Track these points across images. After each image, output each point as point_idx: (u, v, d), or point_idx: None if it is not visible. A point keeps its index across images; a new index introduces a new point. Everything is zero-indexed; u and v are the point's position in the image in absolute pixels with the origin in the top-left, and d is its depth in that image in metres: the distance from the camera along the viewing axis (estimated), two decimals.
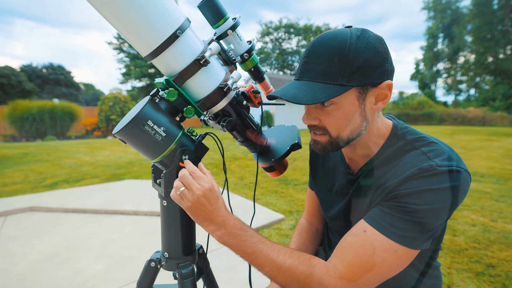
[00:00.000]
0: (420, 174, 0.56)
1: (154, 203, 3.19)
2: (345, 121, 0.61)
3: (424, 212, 0.55)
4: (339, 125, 0.62)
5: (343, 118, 0.61)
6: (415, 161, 0.59)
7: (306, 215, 1.05)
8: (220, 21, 0.63)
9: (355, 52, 0.56)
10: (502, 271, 1.91)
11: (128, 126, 0.55)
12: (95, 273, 1.91)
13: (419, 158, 0.59)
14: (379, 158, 0.68)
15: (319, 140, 0.66)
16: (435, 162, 0.56)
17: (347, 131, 0.62)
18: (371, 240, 0.58)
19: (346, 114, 0.60)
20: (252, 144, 0.76)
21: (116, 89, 29.57)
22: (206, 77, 0.61)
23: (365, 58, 0.56)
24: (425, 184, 0.55)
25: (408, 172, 0.58)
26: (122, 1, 0.49)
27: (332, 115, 0.61)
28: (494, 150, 7.62)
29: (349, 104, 0.59)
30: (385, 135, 0.68)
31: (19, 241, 2.39)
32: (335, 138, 0.64)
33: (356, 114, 0.61)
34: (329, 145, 0.65)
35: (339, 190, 0.81)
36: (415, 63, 43.69)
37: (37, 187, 4.16)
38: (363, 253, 0.57)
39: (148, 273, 0.71)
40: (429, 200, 0.55)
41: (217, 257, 2.08)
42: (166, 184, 0.62)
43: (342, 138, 0.63)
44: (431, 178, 0.55)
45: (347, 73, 0.56)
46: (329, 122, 0.62)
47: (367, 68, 0.56)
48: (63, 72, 37.23)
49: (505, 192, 3.73)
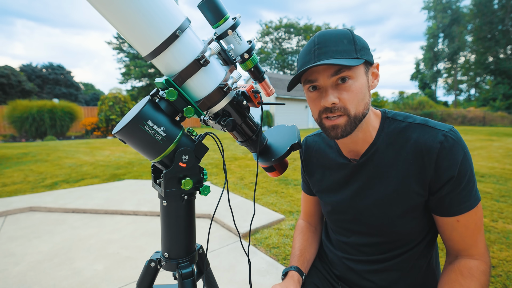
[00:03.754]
0: (449, 145, 0.67)
1: (154, 203, 3.19)
2: (360, 94, 0.67)
3: (471, 168, 0.68)
4: (357, 100, 0.67)
5: (359, 91, 0.67)
6: (428, 136, 0.69)
7: (304, 216, 1.07)
8: (220, 21, 0.62)
9: (357, 36, 0.68)
10: (502, 271, 1.91)
11: (128, 126, 0.55)
12: (95, 273, 1.90)
13: (429, 133, 0.70)
14: (380, 139, 0.75)
15: (338, 122, 0.68)
16: (444, 131, 0.68)
17: (361, 106, 0.68)
18: (473, 220, 0.69)
19: (361, 87, 0.67)
20: (252, 144, 0.76)
21: (116, 89, 29.60)
22: (206, 77, 0.61)
23: (362, 41, 0.69)
24: (460, 151, 0.67)
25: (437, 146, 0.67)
26: (122, 0, 0.49)
27: (350, 90, 0.66)
28: (494, 150, 7.62)
29: (362, 77, 0.67)
30: (378, 119, 0.77)
31: (19, 241, 2.38)
32: (353, 116, 0.68)
33: (366, 89, 0.69)
34: (348, 125, 0.68)
35: (342, 183, 0.83)
36: (415, 63, 43.75)
37: (36, 187, 4.16)
38: (479, 227, 0.70)
39: (148, 273, 0.71)
40: (468, 160, 0.68)
41: (217, 257, 2.08)
42: (166, 184, 0.61)
43: (358, 115, 0.68)
44: (457, 145, 0.67)
45: (357, 50, 0.66)
46: (348, 98, 0.67)
47: (366, 49, 0.68)
48: (63, 72, 37.25)
49: (506, 192, 3.73)
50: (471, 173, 0.68)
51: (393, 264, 0.79)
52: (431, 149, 0.68)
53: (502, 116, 22.51)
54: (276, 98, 18.38)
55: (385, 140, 0.75)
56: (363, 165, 0.77)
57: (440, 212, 0.71)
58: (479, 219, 0.69)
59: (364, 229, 0.81)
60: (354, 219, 0.82)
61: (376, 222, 0.78)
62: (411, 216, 0.74)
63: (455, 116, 24.48)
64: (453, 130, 0.69)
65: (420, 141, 0.70)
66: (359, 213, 0.80)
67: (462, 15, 34.94)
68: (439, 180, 0.68)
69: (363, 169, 0.78)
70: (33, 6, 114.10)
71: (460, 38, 35.32)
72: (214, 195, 3.28)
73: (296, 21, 39.92)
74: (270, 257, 2.10)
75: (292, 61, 41.98)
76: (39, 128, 13.24)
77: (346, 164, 0.81)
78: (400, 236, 0.77)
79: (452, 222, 0.70)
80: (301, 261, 0.92)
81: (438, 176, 0.68)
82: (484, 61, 33.09)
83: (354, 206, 0.81)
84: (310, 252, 0.97)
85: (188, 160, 0.62)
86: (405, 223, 0.75)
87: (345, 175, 0.82)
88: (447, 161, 0.67)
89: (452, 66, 39.08)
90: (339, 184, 0.84)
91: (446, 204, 0.70)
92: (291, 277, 0.85)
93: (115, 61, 55.64)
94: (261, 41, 40.47)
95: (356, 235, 0.84)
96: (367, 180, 0.77)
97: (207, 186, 0.66)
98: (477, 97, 36.06)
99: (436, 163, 0.67)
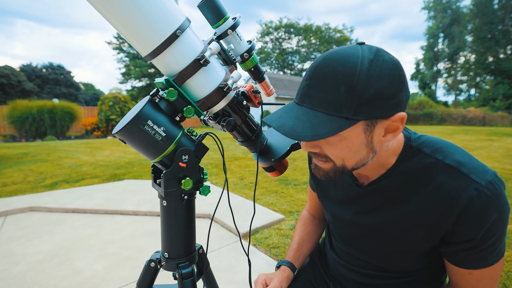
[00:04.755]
0: (481, 204, 0.54)
1: (154, 203, 3.19)
2: (349, 153, 0.55)
3: (503, 228, 0.57)
4: (343, 155, 0.56)
5: (347, 150, 0.55)
6: (456, 185, 0.56)
7: (309, 208, 1.04)
8: (220, 20, 0.62)
9: (366, 81, 0.48)
10: (502, 271, 1.91)
11: (128, 126, 0.55)
12: (95, 273, 1.90)
13: (459, 181, 0.56)
14: (396, 171, 0.63)
15: (322, 166, 0.60)
16: (479, 184, 0.54)
17: (352, 162, 0.57)
18: (489, 274, 0.59)
19: (351, 147, 0.54)
20: (252, 144, 0.76)
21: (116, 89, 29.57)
22: (206, 77, 0.61)
23: (376, 89, 0.48)
24: (493, 212, 0.54)
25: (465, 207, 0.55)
26: (122, 1, 0.49)
27: (334, 146, 0.55)
28: (494, 150, 7.62)
29: (354, 137, 0.53)
30: (397, 151, 0.63)
31: (19, 241, 2.38)
32: (339, 167, 0.58)
33: (362, 146, 0.55)
34: (332, 172, 0.59)
35: (345, 200, 0.77)
36: (415, 63, 43.70)
37: (36, 187, 4.16)
38: (495, 282, 0.61)
39: (148, 273, 0.71)
40: (502, 220, 0.56)
41: (217, 257, 2.08)
42: (166, 184, 0.61)
43: (346, 168, 0.58)
44: (491, 204, 0.54)
45: (354, 105, 0.48)
46: (332, 153, 0.56)
47: (378, 100, 0.49)
48: (63, 72, 37.26)
49: (506, 192, 3.72)
50: (502, 233, 0.57)
51: (386, 284, 0.75)
52: (456, 203, 0.55)
53: (502, 116, 22.50)
54: (276, 98, 18.37)
55: (402, 174, 0.62)
56: (370, 192, 0.69)
57: (451, 261, 0.63)
58: (496, 274, 0.60)
59: (362, 248, 0.77)
60: (353, 236, 0.77)
61: (374, 248, 0.73)
62: (413, 255, 0.68)
63: (455, 116, 24.47)
64: (493, 183, 0.54)
65: (445, 189, 0.57)
66: (358, 232, 0.74)
67: (462, 15, 34.93)
68: (456, 237, 0.58)
69: (370, 196, 0.69)
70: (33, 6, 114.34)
71: (460, 38, 35.31)
72: (214, 195, 3.28)
73: (296, 21, 39.93)
74: (270, 257, 2.10)
75: (292, 61, 41.98)
76: (39, 128, 13.23)
77: (351, 185, 0.73)
78: (397, 268, 0.72)
79: (464, 273, 0.61)
80: (297, 255, 0.91)
81: (455, 232, 0.58)
82: (484, 61, 33.08)
83: (354, 225, 0.75)
84: (308, 246, 0.95)
85: (188, 160, 0.62)
86: (405, 260, 0.70)
87: (348, 195, 0.75)
88: (472, 222, 0.55)
89: (452, 66, 39.08)
90: (342, 200, 0.78)
91: (460, 258, 0.60)
92: (282, 271, 0.85)
93: (115, 61, 55.66)
94: (261, 41, 40.48)
95: (354, 248, 0.80)
96: (372, 207, 0.70)
97: (207, 186, 0.66)
98: (477, 97, 36.08)
99: (457, 219, 0.56)
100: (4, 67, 26.63)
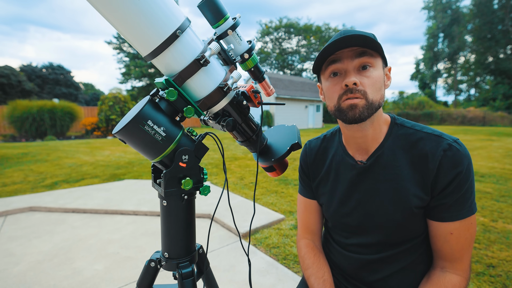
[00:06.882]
0: (453, 153, 0.69)
1: (154, 203, 3.19)
2: (378, 83, 0.70)
3: (472, 179, 0.71)
4: (375, 87, 0.70)
5: (378, 80, 0.70)
6: (433, 144, 0.72)
7: (307, 233, 0.96)
8: (220, 20, 0.62)
9: None
10: (502, 271, 1.91)
11: (128, 126, 0.55)
12: (95, 273, 1.90)
13: (434, 141, 0.72)
14: (388, 141, 0.78)
15: (358, 102, 0.69)
16: (449, 140, 0.71)
17: (378, 95, 0.71)
18: (465, 235, 0.71)
19: (380, 78, 0.71)
20: (252, 144, 0.76)
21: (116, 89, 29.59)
22: (206, 77, 0.61)
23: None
24: (464, 160, 0.69)
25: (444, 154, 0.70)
26: (122, 0, 0.49)
27: (371, 77, 0.69)
28: (494, 150, 7.62)
29: (380, 69, 0.71)
30: (387, 123, 0.80)
31: (19, 241, 2.39)
32: (371, 102, 0.70)
33: (382, 82, 0.72)
34: (366, 109, 0.70)
35: (349, 185, 0.82)
36: (415, 63, 43.72)
37: (36, 187, 4.16)
38: (469, 243, 0.72)
39: (148, 273, 0.70)
40: (471, 170, 0.71)
41: (217, 257, 2.08)
42: (166, 184, 0.61)
43: (375, 103, 0.70)
44: (460, 154, 0.69)
45: (380, 46, 0.69)
46: (368, 83, 0.69)
47: (383, 51, 0.72)
48: (63, 72, 37.26)
49: (506, 192, 3.73)
50: (471, 183, 0.71)
51: (388, 256, 0.80)
52: (434, 156, 0.71)
53: (502, 116, 22.51)
54: (276, 98, 18.37)
55: (393, 143, 0.77)
56: (371, 167, 0.78)
57: (437, 216, 0.73)
58: (470, 236, 0.72)
59: (365, 232, 0.81)
60: (358, 222, 0.81)
61: (378, 224, 0.78)
62: (412, 220, 0.75)
63: (455, 116, 24.48)
64: (459, 141, 0.72)
65: (425, 149, 0.73)
66: (364, 216, 0.80)
67: (462, 15, 34.93)
68: (439, 185, 0.71)
69: (370, 172, 0.79)
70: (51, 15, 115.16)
71: (460, 38, 35.31)
72: (214, 195, 3.28)
73: (296, 21, 39.93)
74: (270, 257, 2.10)
75: (292, 61, 41.99)
76: (39, 128, 13.24)
77: (353, 165, 0.81)
78: (399, 238, 0.78)
79: (446, 234, 0.73)
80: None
81: (438, 181, 0.70)
82: (484, 61, 33.08)
83: (360, 209, 0.80)
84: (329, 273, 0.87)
85: (188, 160, 0.62)
86: (406, 225, 0.76)
87: (352, 177, 0.82)
88: (449, 166, 0.69)
89: (452, 66, 39.08)
90: (346, 187, 0.83)
91: (444, 208, 0.72)
92: None
93: (115, 61, 55.66)
94: (261, 41, 40.47)
95: (355, 236, 0.84)
96: (374, 184, 0.78)
97: (207, 186, 0.66)
98: (477, 97, 36.05)
99: (438, 168, 0.70)
100: (4, 67, 26.64)
